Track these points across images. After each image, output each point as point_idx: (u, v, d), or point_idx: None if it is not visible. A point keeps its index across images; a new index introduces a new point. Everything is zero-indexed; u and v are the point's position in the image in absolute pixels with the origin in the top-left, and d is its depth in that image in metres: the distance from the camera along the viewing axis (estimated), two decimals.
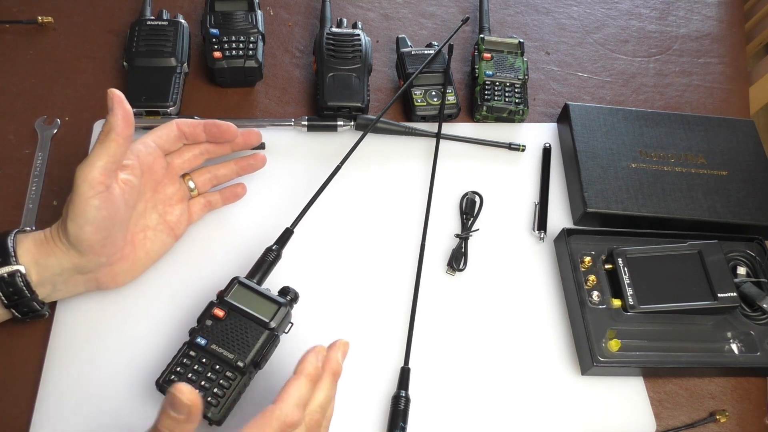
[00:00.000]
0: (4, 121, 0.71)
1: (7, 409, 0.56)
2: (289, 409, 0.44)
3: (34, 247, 0.53)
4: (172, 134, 0.60)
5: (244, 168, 0.66)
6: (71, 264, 0.54)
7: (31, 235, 0.55)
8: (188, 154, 0.62)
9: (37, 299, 0.54)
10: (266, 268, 0.58)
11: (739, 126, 0.78)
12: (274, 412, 0.44)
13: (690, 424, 0.62)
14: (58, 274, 0.54)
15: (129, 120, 0.52)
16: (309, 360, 0.47)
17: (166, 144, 0.59)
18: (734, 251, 0.69)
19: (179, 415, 0.40)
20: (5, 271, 0.52)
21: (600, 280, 0.66)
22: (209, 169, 0.65)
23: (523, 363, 0.63)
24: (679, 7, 0.97)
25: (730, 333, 0.64)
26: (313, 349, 0.48)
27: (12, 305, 0.54)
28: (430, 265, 0.67)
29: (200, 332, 0.53)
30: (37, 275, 0.53)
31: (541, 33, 0.90)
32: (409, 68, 0.77)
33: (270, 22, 0.84)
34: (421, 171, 0.73)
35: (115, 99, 0.52)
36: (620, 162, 0.73)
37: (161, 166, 0.60)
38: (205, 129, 0.61)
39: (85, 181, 0.51)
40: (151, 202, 0.60)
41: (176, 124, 0.60)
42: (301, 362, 0.47)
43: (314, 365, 0.47)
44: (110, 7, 0.82)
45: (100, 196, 0.51)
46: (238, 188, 0.67)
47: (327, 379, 0.48)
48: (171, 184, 0.62)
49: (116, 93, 0.52)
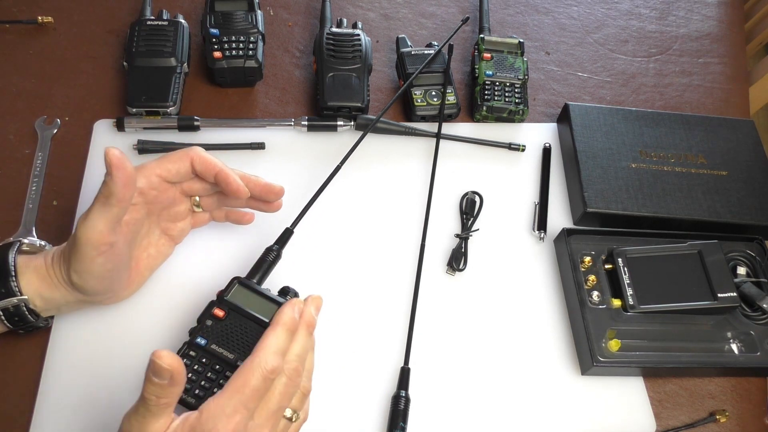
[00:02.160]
0: (4, 121, 0.71)
1: (7, 409, 0.56)
2: (268, 356, 0.45)
3: (37, 281, 0.52)
4: (182, 170, 0.55)
5: (254, 207, 0.61)
6: (76, 299, 0.54)
7: (32, 265, 0.53)
8: (198, 185, 0.58)
9: (42, 319, 0.55)
10: (266, 268, 0.58)
11: (739, 126, 0.78)
12: (254, 361, 0.45)
13: (690, 424, 0.62)
14: (63, 305, 0.54)
15: (130, 184, 0.48)
16: (285, 311, 0.49)
17: (174, 178, 0.56)
18: (734, 251, 0.69)
19: (162, 381, 0.41)
20: (9, 303, 0.51)
21: (600, 280, 0.66)
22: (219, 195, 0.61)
23: (523, 363, 0.63)
24: (679, 7, 0.97)
25: (730, 333, 0.64)
26: (289, 302, 0.50)
27: (16, 328, 0.54)
28: (430, 265, 0.67)
29: (200, 332, 0.53)
30: (42, 304, 0.53)
31: (541, 33, 0.90)
32: (409, 68, 0.77)
33: (270, 22, 0.84)
34: (421, 171, 0.73)
35: (114, 162, 0.47)
36: (620, 162, 0.73)
37: (168, 197, 0.57)
38: (215, 178, 0.56)
39: (89, 243, 0.49)
40: (155, 222, 0.59)
41: (190, 159, 0.55)
42: (278, 314, 0.49)
43: (290, 316, 0.49)
44: (110, 7, 0.82)
45: (104, 255, 0.50)
46: (246, 216, 0.63)
47: (302, 330, 0.50)
48: (176, 206, 0.59)
49: (115, 155, 0.47)
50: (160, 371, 0.40)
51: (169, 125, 0.71)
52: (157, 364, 0.40)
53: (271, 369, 0.45)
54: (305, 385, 0.50)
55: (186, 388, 0.51)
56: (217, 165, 0.56)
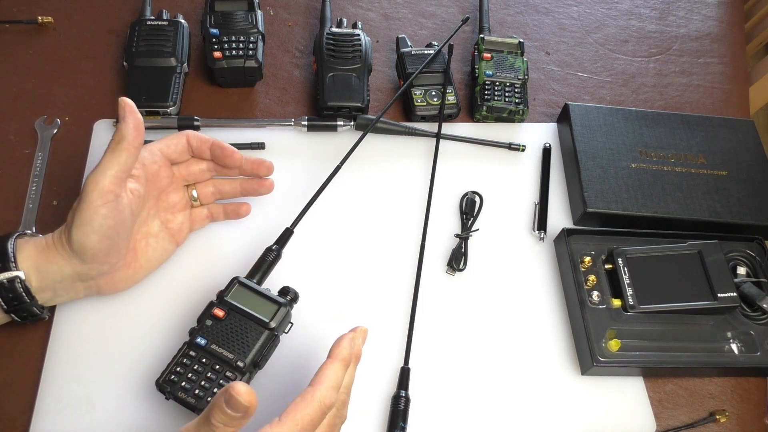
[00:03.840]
0: (4, 121, 0.71)
1: (7, 408, 0.56)
2: (327, 392, 0.46)
3: (35, 254, 0.53)
4: (180, 146, 0.59)
5: (248, 190, 0.64)
6: (72, 271, 0.54)
7: (32, 240, 0.54)
8: (195, 168, 0.61)
9: (37, 304, 0.54)
10: (266, 268, 0.58)
11: (739, 126, 0.78)
12: (314, 395, 0.45)
13: (690, 424, 0.62)
14: (58, 281, 0.54)
15: (140, 129, 0.52)
16: (344, 345, 0.49)
17: (173, 154, 0.59)
18: (734, 251, 0.69)
19: (236, 414, 0.41)
20: (5, 277, 0.52)
21: (600, 280, 0.66)
22: (214, 183, 0.64)
23: (524, 363, 0.63)
24: (679, 7, 0.97)
25: (730, 333, 0.64)
26: (346, 336, 0.50)
27: (11, 310, 0.53)
28: (430, 265, 0.67)
29: (200, 332, 0.53)
30: (38, 281, 0.53)
31: (541, 33, 0.90)
32: (409, 68, 0.77)
33: (270, 22, 0.84)
34: (421, 171, 0.73)
35: (127, 108, 0.52)
36: (620, 162, 0.73)
37: (166, 176, 0.59)
38: (210, 148, 0.60)
39: (95, 190, 0.51)
40: (153, 210, 0.60)
41: (186, 136, 0.59)
42: (336, 347, 0.49)
43: (348, 350, 0.49)
44: (110, 7, 0.82)
45: (108, 205, 0.51)
46: (243, 207, 0.65)
47: (353, 363, 0.50)
48: (174, 193, 0.61)
49: (128, 102, 0.52)
50: (237, 406, 0.40)
51: (169, 125, 0.71)
52: (235, 399, 0.40)
53: (329, 404, 0.46)
54: (345, 414, 0.51)
55: (186, 388, 0.51)
56: (211, 138, 0.60)
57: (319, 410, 0.45)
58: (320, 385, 0.46)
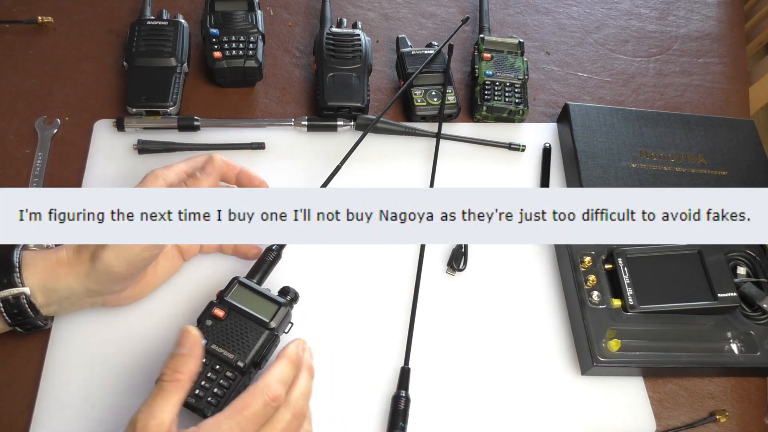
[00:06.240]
0: (4, 121, 0.71)
1: (7, 409, 0.56)
2: (272, 383, 0.47)
3: (44, 271, 0.52)
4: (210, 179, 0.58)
5: None
6: (84, 289, 0.53)
7: (40, 255, 0.53)
8: None
9: (41, 317, 0.53)
10: (266, 268, 0.58)
11: (739, 126, 0.78)
12: (257, 386, 0.47)
13: (690, 424, 0.62)
14: (66, 298, 0.53)
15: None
16: (290, 347, 0.51)
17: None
18: (734, 251, 0.69)
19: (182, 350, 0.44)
20: (9, 293, 0.51)
21: (600, 280, 0.65)
22: None
23: (523, 363, 0.63)
24: (679, 7, 0.97)
25: (730, 333, 0.64)
26: (294, 340, 0.52)
27: (15, 324, 0.53)
28: (430, 265, 0.67)
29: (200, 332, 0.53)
30: (44, 298, 0.52)
31: (541, 33, 0.90)
32: (409, 68, 0.77)
33: (270, 22, 0.84)
34: (421, 171, 0.73)
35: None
36: (620, 162, 0.73)
37: None
38: (238, 176, 0.60)
39: None
40: None
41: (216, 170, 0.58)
42: (283, 349, 0.51)
43: (295, 351, 0.51)
44: (110, 7, 0.82)
45: None
46: (253, 250, 0.63)
47: (305, 370, 0.52)
48: None
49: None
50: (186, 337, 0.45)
51: (169, 125, 0.71)
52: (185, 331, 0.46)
53: (273, 396, 0.46)
54: (307, 429, 0.51)
55: None
56: (239, 165, 0.60)
57: (262, 402, 0.46)
58: (264, 378, 0.47)
